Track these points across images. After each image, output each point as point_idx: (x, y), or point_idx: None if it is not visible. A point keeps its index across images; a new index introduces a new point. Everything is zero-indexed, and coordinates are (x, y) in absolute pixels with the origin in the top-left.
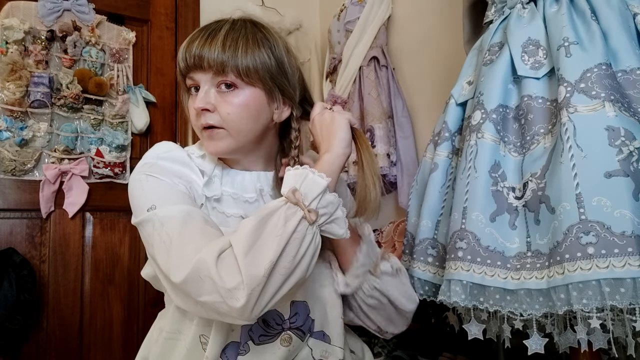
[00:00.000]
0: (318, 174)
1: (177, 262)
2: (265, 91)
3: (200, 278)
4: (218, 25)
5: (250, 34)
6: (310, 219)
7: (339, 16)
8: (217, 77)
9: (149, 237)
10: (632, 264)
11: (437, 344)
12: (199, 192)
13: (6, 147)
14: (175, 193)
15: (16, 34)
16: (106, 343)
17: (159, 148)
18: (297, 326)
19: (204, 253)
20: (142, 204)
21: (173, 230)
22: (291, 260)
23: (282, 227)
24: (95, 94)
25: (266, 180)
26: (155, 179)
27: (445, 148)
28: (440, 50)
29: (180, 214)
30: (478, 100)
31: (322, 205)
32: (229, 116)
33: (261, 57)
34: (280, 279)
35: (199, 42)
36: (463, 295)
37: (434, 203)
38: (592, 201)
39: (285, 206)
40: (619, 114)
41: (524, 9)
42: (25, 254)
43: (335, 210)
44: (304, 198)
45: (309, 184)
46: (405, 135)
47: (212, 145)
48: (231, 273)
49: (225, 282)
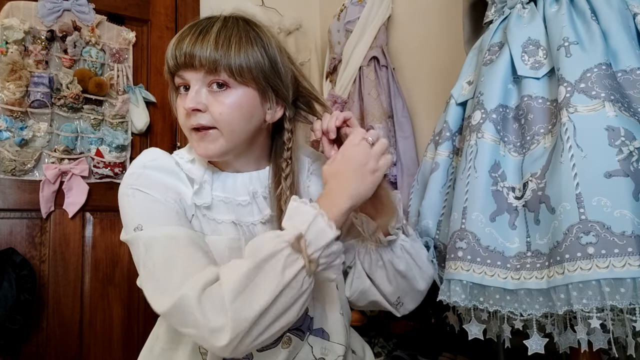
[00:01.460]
0: (328, 222)
1: (160, 292)
2: (259, 91)
3: (182, 313)
4: (209, 22)
5: (243, 32)
6: (310, 270)
7: (339, 16)
8: (209, 76)
9: (135, 259)
10: (632, 264)
11: (437, 344)
12: (189, 202)
13: (6, 147)
14: (163, 211)
15: (16, 34)
16: (106, 343)
17: (146, 156)
18: (297, 326)
19: (187, 287)
20: (129, 222)
21: (157, 256)
22: (282, 308)
23: (280, 274)
24: (95, 94)
25: (259, 180)
26: (143, 194)
27: (446, 148)
28: (440, 50)
29: (165, 238)
30: (478, 100)
31: (324, 255)
32: (221, 116)
33: (254, 56)
34: (267, 323)
35: (190, 40)
36: (463, 295)
37: (435, 203)
38: (592, 201)
39: (287, 252)
40: (619, 114)
41: (524, 9)
42: (25, 254)
43: (336, 259)
44: (308, 246)
45: (316, 232)
46: (405, 135)
47: (202, 147)
48: (216, 312)
49: (209, 321)
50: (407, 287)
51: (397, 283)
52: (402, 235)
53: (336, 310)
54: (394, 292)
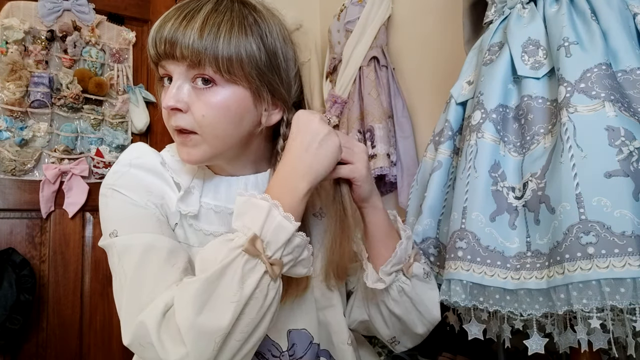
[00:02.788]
0: (284, 215)
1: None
2: (251, 90)
3: (141, 345)
4: (199, 3)
5: (237, 17)
6: (274, 273)
7: (339, 16)
8: (192, 70)
9: (111, 267)
10: (632, 264)
11: (437, 344)
12: (172, 209)
13: (6, 147)
14: (142, 217)
15: (16, 34)
16: (106, 343)
17: (132, 152)
18: (297, 358)
19: (145, 314)
20: (106, 226)
21: (129, 268)
22: (249, 324)
23: (239, 288)
24: (95, 94)
25: (256, 186)
26: (122, 195)
27: (447, 147)
28: (440, 50)
29: (140, 246)
30: (478, 100)
31: (287, 252)
32: (203, 119)
33: (248, 48)
34: (236, 345)
35: (173, 24)
36: (463, 295)
37: (435, 202)
38: (592, 201)
39: (242, 260)
40: (619, 114)
41: (524, 9)
42: (25, 254)
43: (302, 252)
44: (267, 247)
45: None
46: (405, 135)
47: (184, 152)
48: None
49: (168, 354)
50: (404, 329)
51: (392, 324)
52: (403, 277)
53: (344, 339)
54: (390, 332)
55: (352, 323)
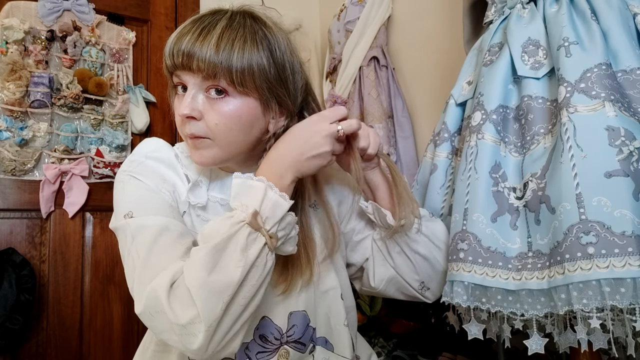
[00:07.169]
0: (279, 194)
1: (138, 287)
2: (261, 101)
3: (151, 315)
4: (214, 19)
5: (250, 33)
6: (272, 245)
7: (339, 16)
8: (207, 82)
9: (122, 248)
10: (632, 264)
11: (437, 344)
12: (182, 198)
13: (6, 147)
14: (156, 201)
15: (16, 34)
16: (106, 343)
17: (148, 146)
18: (295, 339)
19: (156, 282)
20: (120, 209)
21: (143, 245)
22: (250, 290)
23: (243, 255)
24: (95, 94)
25: None
26: (138, 181)
27: (444, 149)
28: (440, 50)
29: (155, 227)
30: (478, 101)
31: (281, 228)
32: (216, 127)
33: (259, 62)
34: (238, 310)
35: (190, 38)
36: (465, 297)
37: (434, 204)
38: (592, 201)
39: (246, 231)
40: (619, 114)
41: (524, 9)
42: (25, 254)
43: (291, 230)
44: (266, 222)
45: (271, 206)
46: (405, 135)
47: (197, 155)
48: (185, 306)
49: (178, 317)
50: (429, 270)
51: (419, 266)
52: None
53: (341, 321)
54: (418, 277)
55: (380, 283)
